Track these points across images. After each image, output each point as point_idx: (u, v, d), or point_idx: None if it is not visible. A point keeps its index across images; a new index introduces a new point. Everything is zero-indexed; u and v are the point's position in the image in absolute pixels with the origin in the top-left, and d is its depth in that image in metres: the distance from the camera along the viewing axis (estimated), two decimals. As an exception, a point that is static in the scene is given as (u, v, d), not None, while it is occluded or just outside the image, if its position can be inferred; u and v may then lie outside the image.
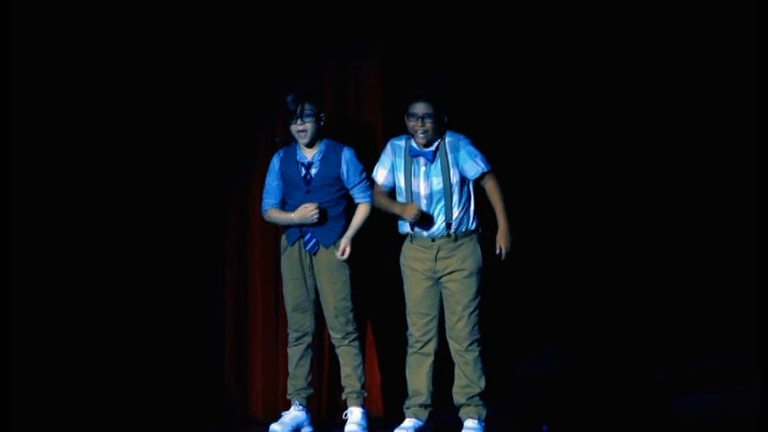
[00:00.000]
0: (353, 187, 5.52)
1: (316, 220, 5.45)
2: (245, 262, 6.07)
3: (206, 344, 6.07)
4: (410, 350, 5.39)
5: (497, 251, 5.21)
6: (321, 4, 5.86)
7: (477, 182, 5.26)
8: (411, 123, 5.25)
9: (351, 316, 5.55)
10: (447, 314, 5.31)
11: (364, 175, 5.51)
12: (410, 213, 5.24)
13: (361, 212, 5.52)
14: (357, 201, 5.55)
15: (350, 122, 5.95)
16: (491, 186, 5.23)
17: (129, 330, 5.90)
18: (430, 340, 5.33)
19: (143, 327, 5.93)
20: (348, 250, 5.48)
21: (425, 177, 5.27)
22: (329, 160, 5.50)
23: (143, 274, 5.93)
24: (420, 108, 5.22)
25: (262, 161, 5.91)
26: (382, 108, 5.89)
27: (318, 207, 5.44)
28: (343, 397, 5.62)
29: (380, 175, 5.40)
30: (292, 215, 5.49)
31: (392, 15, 5.85)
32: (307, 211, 5.45)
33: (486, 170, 5.23)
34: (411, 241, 5.34)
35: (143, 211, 5.91)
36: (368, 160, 5.61)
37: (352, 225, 5.51)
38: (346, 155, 5.51)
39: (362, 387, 5.58)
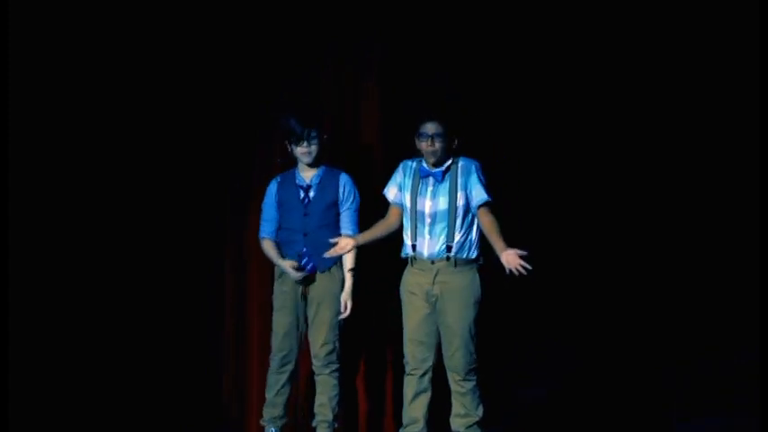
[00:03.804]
0: (344, 211, 5.53)
1: (296, 278, 5.45)
2: (243, 273, 6.05)
3: (205, 364, 6.07)
4: (407, 378, 5.34)
5: (509, 266, 5.01)
6: (317, 8, 5.86)
7: (477, 209, 5.20)
8: (421, 143, 5.23)
9: (337, 346, 5.53)
10: (444, 345, 5.26)
11: (356, 205, 5.54)
12: (290, 269, 5.40)
13: (352, 254, 5.48)
14: (344, 233, 5.50)
15: (347, 133, 5.95)
16: (490, 218, 5.17)
17: (126, 338, 5.89)
18: (428, 369, 5.29)
19: (140, 335, 5.91)
20: (350, 305, 5.51)
21: (432, 197, 5.24)
22: (327, 184, 5.52)
23: (143, 282, 5.91)
24: (430, 128, 5.20)
25: (261, 163, 5.91)
26: (379, 117, 5.90)
27: (301, 272, 5.43)
28: (313, 424, 5.59)
29: (391, 192, 5.39)
30: (280, 262, 5.49)
31: (391, 20, 5.84)
32: (292, 271, 5.44)
33: (489, 200, 5.19)
34: (412, 264, 5.30)
35: (140, 218, 5.90)
36: (365, 168, 5.68)
37: (347, 274, 5.51)
38: (344, 178, 5.55)
39: (334, 419, 5.55)
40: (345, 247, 5.30)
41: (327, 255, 5.33)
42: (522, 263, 4.94)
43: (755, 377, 5.29)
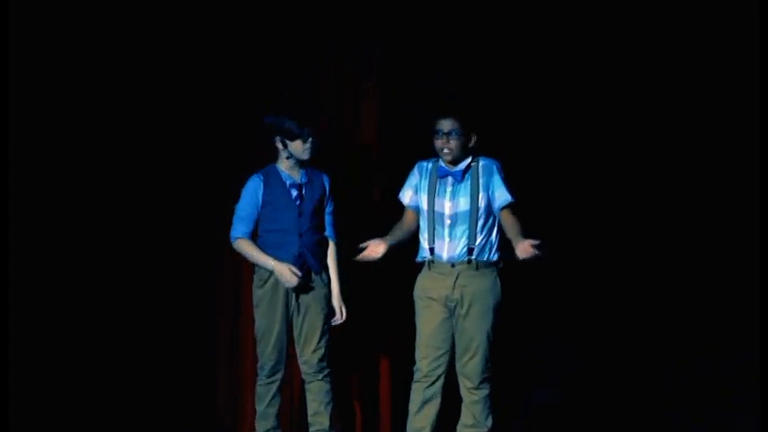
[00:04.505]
0: (327, 214, 5.41)
1: (291, 286, 5.25)
2: (239, 276, 5.90)
3: (199, 369, 5.97)
4: (416, 385, 5.15)
5: (522, 256, 4.86)
6: (318, 8, 5.81)
7: (499, 211, 5.06)
8: (437, 141, 5.06)
9: (328, 351, 5.35)
10: (459, 350, 5.09)
11: (334, 207, 5.42)
12: (286, 275, 5.17)
13: (335, 256, 5.40)
14: (326, 233, 5.42)
15: (346, 133, 5.89)
16: (513, 219, 5.02)
17: (120, 342, 5.79)
18: (439, 377, 5.11)
19: (134, 339, 5.82)
20: (344, 309, 5.40)
21: (451, 197, 5.08)
22: (314, 183, 5.38)
23: (138, 284, 5.83)
24: (446, 125, 5.04)
25: (260, 164, 5.86)
26: (379, 117, 5.82)
27: (300, 277, 5.24)
28: None
29: (407, 195, 5.23)
30: (272, 263, 5.25)
31: (391, 20, 5.79)
32: (290, 275, 5.23)
33: (512, 201, 5.06)
34: (429, 268, 5.13)
35: (137, 219, 5.83)
36: (365, 168, 5.57)
37: (334, 277, 5.39)
38: (326, 179, 5.43)
39: (331, 426, 5.36)
40: (378, 249, 5.09)
41: (358, 258, 5.12)
42: (535, 251, 4.80)
43: (755, 377, 5.29)
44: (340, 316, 5.41)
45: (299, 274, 5.25)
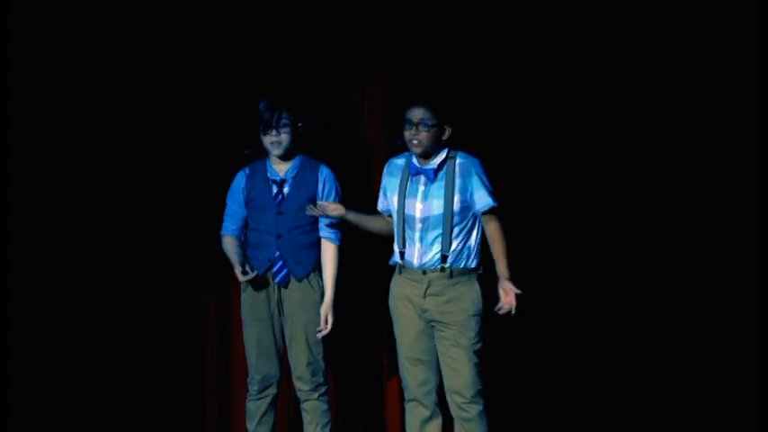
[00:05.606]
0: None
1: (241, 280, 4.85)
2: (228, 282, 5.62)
3: (185, 386, 5.75)
4: (408, 405, 4.80)
5: (498, 308, 4.64)
6: (321, 15, 5.71)
7: (480, 216, 4.72)
8: (406, 131, 4.71)
9: (323, 365, 4.95)
10: (443, 365, 4.70)
11: (338, 199, 4.98)
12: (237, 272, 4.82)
13: (332, 260, 4.95)
14: (322, 235, 4.97)
15: (346, 138, 5.63)
16: (495, 226, 4.68)
17: (103, 353, 5.63)
18: (430, 391, 4.74)
19: (120, 350, 5.66)
20: (331, 320, 4.92)
21: (423, 198, 4.71)
22: (304, 178, 4.95)
23: (123, 290, 5.69)
24: (416, 114, 4.70)
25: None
26: (382, 124, 5.54)
27: (246, 276, 4.81)
28: None
29: (379, 201, 4.91)
30: (237, 271, 4.86)
31: (397, 28, 5.63)
32: (238, 273, 4.84)
33: (495, 205, 4.69)
34: (400, 273, 4.76)
35: (127, 222, 5.74)
36: (363, 179, 5.36)
37: (327, 283, 4.93)
38: (324, 172, 4.98)
39: None
40: (334, 210, 4.80)
41: (308, 212, 4.79)
42: (511, 305, 4.59)
43: (755, 377, 5.32)
44: (324, 325, 4.93)
45: (242, 271, 4.81)
